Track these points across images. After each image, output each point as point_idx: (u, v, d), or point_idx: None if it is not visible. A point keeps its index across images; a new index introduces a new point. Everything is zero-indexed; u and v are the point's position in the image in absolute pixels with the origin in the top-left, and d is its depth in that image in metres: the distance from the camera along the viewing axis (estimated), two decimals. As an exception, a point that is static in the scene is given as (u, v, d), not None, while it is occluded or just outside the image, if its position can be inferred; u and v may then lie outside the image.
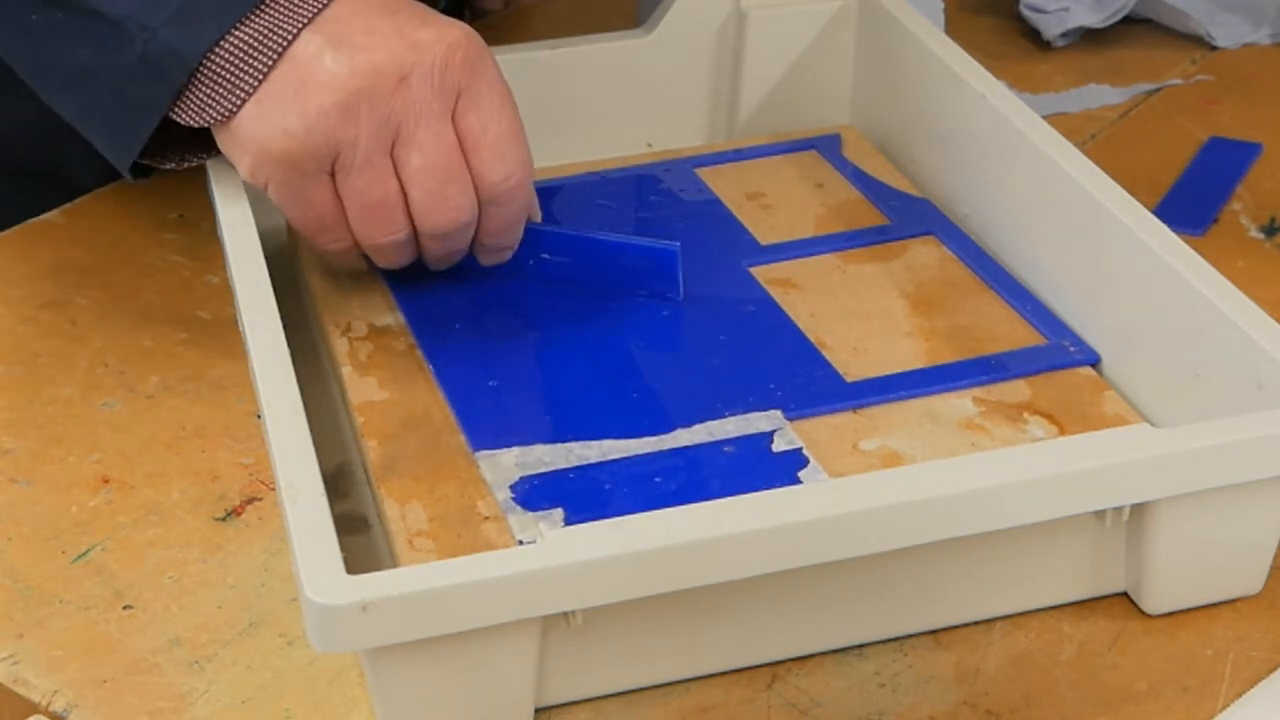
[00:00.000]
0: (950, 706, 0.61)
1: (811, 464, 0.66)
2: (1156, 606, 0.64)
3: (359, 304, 0.76)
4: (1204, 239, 0.87)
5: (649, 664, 0.61)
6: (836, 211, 0.83)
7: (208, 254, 0.85)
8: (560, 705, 0.61)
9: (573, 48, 0.88)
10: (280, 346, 0.64)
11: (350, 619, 0.54)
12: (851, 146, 0.87)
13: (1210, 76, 1.02)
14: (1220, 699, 0.61)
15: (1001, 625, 0.64)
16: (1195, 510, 0.62)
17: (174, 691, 0.62)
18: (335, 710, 0.62)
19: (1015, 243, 0.78)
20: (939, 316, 0.75)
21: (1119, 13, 1.05)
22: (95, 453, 0.74)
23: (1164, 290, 0.68)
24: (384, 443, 0.68)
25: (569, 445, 0.67)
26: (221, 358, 0.79)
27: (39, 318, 0.82)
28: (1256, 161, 0.93)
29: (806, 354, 0.72)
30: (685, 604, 0.60)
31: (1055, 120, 0.96)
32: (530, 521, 0.63)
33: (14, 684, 0.63)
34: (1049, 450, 0.60)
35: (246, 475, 0.72)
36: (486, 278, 0.77)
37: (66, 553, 0.69)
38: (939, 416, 0.69)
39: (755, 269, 0.78)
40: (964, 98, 0.80)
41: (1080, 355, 0.72)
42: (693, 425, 0.68)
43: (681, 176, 0.85)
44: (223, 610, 0.66)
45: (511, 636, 0.57)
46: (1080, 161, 0.74)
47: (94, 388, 0.77)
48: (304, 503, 0.57)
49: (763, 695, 0.62)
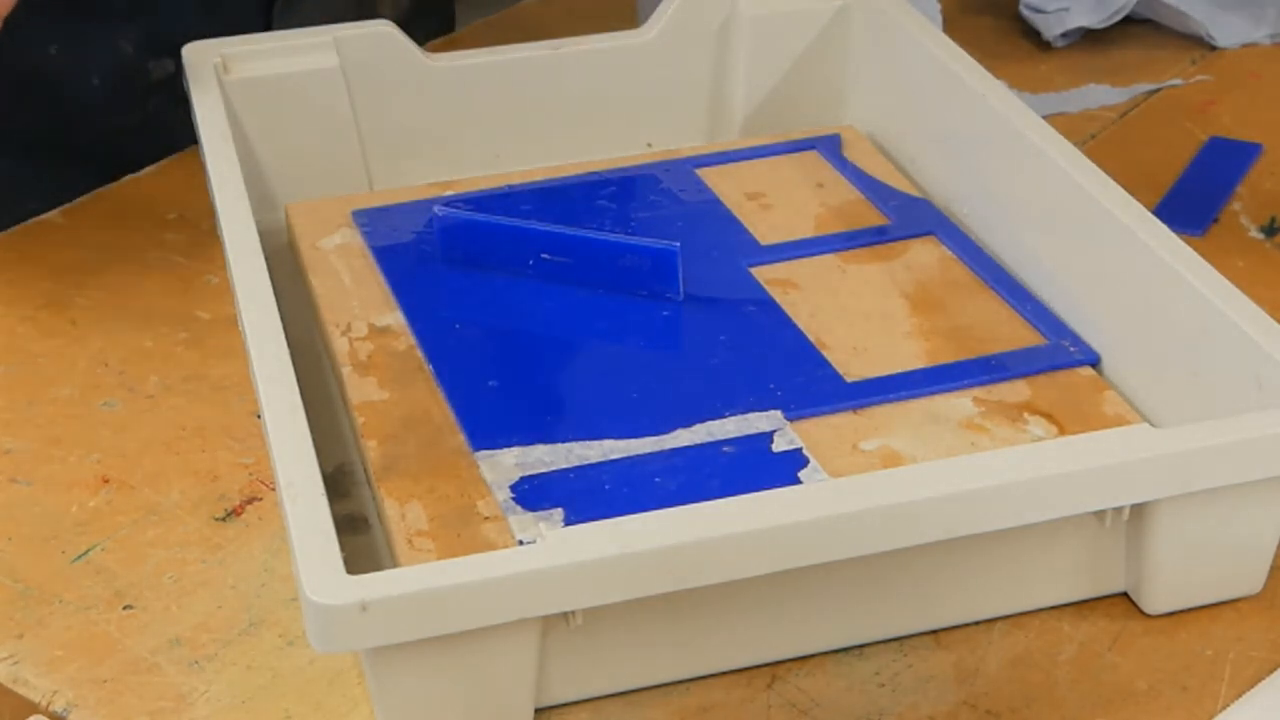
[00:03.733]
0: (950, 706, 0.61)
1: (811, 464, 0.66)
2: (1156, 606, 0.64)
3: (359, 304, 0.76)
4: (1204, 239, 0.87)
5: (649, 664, 0.61)
6: (836, 211, 0.83)
7: (208, 254, 0.85)
8: (560, 705, 0.61)
9: (573, 48, 0.88)
10: (280, 346, 0.64)
11: (350, 619, 0.54)
12: (851, 146, 0.87)
13: (1210, 76, 1.02)
14: (1220, 699, 0.61)
15: (1001, 625, 0.64)
16: (1195, 510, 0.62)
17: (174, 691, 0.62)
18: (335, 710, 0.62)
19: (1015, 243, 0.78)
20: (939, 316, 0.75)
21: (1119, 13, 1.05)
22: (95, 453, 0.74)
23: (1164, 290, 0.68)
24: (384, 443, 0.68)
25: (569, 445, 0.67)
26: (221, 358, 0.79)
27: (39, 318, 0.82)
28: (1256, 161, 0.93)
29: (806, 354, 0.72)
30: (685, 604, 0.60)
31: (1055, 120, 0.96)
32: (530, 521, 0.63)
33: (14, 684, 0.63)
34: (1049, 450, 0.60)
35: (246, 475, 0.72)
36: (486, 278, 0.77)
37: (66, 553, 0.69)
38: (939, 416, 0.69)
39: (755, 269, 0.78)
40: (964, 98, 0.80)
41: (1080, 355, 0.72)
42: (693, 425, 0.68)
43: (681, 176, 0.85)
44: (223, 610, 0.66)
45: (511, 636, 0.57)
46: (1080, 161, 0.74)
47: (94, 388, 0.77)
48: (304, 503, 0.57)
49: (763, 695, 0.62)
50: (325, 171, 0.86)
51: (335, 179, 0.86)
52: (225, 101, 0.82)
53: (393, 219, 0.82)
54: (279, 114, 0.85)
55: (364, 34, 0.86)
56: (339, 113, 0.86)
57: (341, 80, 0.85)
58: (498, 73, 0.88)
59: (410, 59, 0.86)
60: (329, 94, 0.85)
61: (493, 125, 0.88)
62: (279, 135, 0.85)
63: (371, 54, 0.86)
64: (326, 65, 0.85)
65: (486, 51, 0.88)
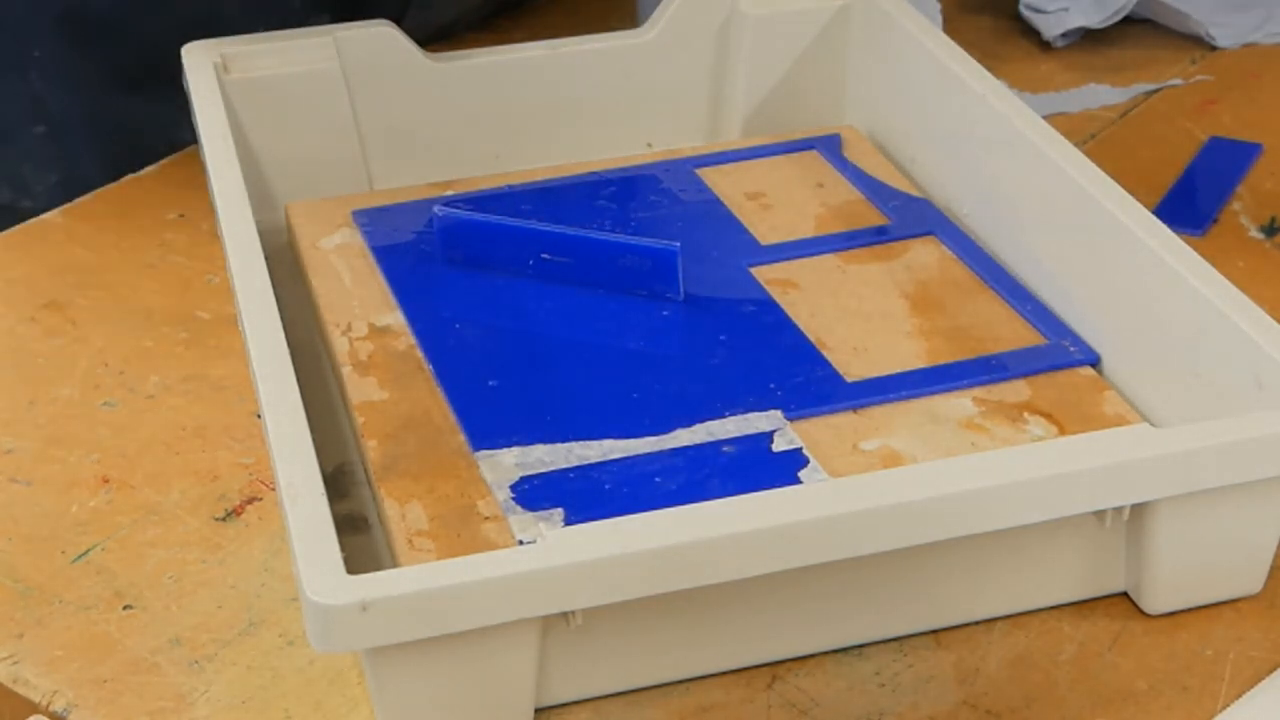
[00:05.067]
0: (950, 706, 0.61)
1: (811, 464, 0.66)
2: (1156, 606, 0.64)
3: (359, 304, 0.76)
4: (1204, 239, 0.87)
5: (649, 664, 0.61)
6: (836, 211, 0.83)
7: (208, 254, 0.85)
8: (560, 705, 0.61)
9: (573, 48, 0.88)
10: (280, 346, 0.64)
11: (350, 619, 0.54)
12: (851, 146, 0.87)
13: (1210, 76, 1.02)
14: (1220, 699, 0.61)
15: (1001, 625, 0.64)
16: (1195, 510, 0.62)
17: (174, 691, 0.62)
18: (335, 710, 0.62)
19: (1015, 243, 0.78)
20: (939, 316, 0.75)
21: (1119, 13, 1.05)
22: (95, 453, 0.74)
23: (1164, 290, 0.68)
24: (384, 443, 0.68)
25: (569, 445, 0.67)
26: (221, 358, 0.79)
27: (39, 318, 0.82)
28: (1256, 161, 0.93)
29: (806, 354, 0.72)
30: (685, 604, 0.60)
31: (1055, 120, 0.96)
32: (530, 521, 0.63)
33: (14, 684, 0.63)
34: (1049, 450, 0.60)
35: (246, 475, 0.72)
36: (486, 278, 0.77)
37: (66, 553, 0.69)
38: (939, 416, 0.69)
39: (755, 269, 0.78)
40: (964, 98, 0.80)
41: (1080, 355, 0.72)
42: (693, 425, 0.68)
43: (681, 176, 0.85)
44: (223, 610, 0.66)
45: (511, 636, 0.57)
46: (1080, 161, 0.74)
47: (94, 388, 0.77)
48: (304, 503, 0.58)
49: (763, 695, 0.62)
50: (325, 171, 0.86)
51: (335, 179, 0.86)
52: (225, 101, 0.82)
53: (393, 219, 0.82)
54: (279, 114, 0.85)
55: (364, 34, 0.86)
56: (339, 113, 0.86)
57: (341, 80, 0.85)
58: (497, 73, 0.88)
59: (410, 59, 0.86)
60: (329, 94, 0.85)
61: (493, 125, 0.88)
62: (279, 135, 0.85)
63: (371, 54, 0.86)
64: (326, 65, 0.85)
65: (486, 51, 0.88)
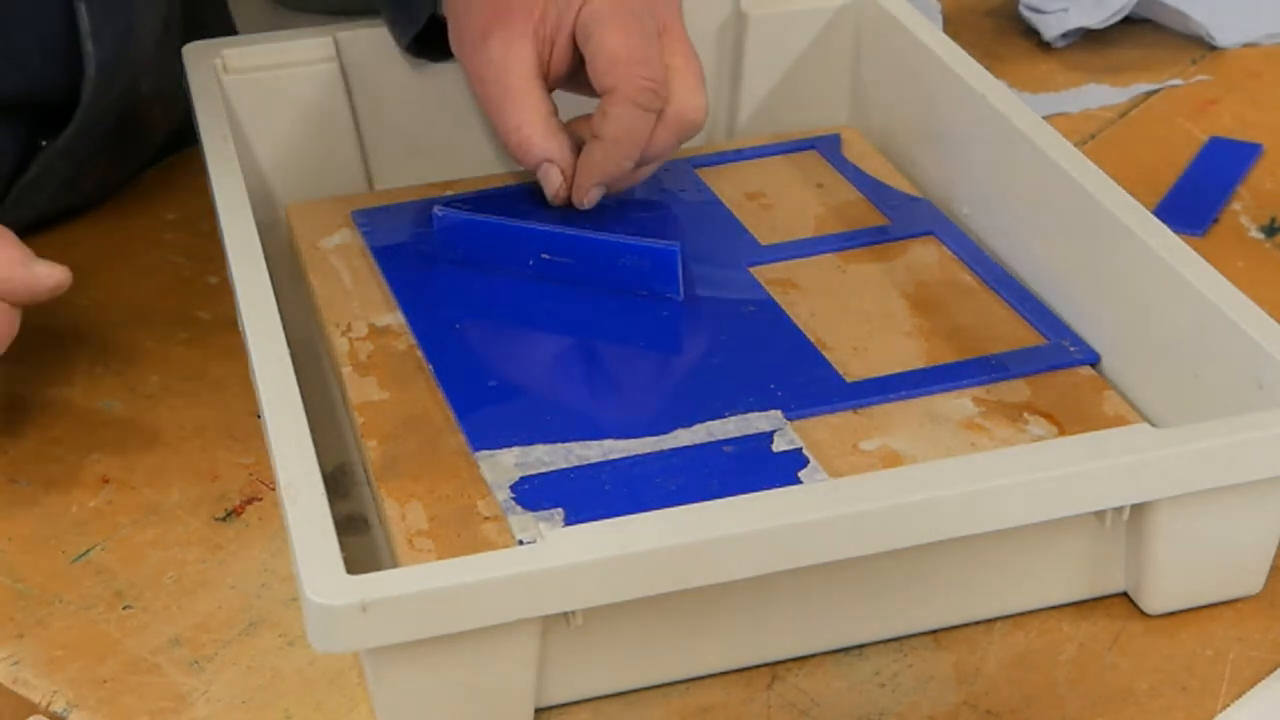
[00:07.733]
0: (950, 706, 0.61)
1: (811, 464, 0.66)
2: (1156, 606, 0.64)
3: (359, 304, 0.76)
4: (1204, 239, 0.87)
5: (649, 664, 0.61)
6: (836, 211, 0.83)
7: (208, 254, 0.85)
8: (560, 705, 0.61)
9: (573, 48, 0.88)
10: (280, 346, 0.64)
11: (350, 619, 0.54)
12: (851, 146, 0.87)
13: (1210, 76, 1.02)
14: (1220, 699, 0.61)
15: (1001, 625, 0.64)
16: (1195, 510, 0.62)
17: (174, 691, 0.62)
18: (335, 710, 0.62)
19: (1015, 243, 0.78)
20: (939, 316, 0.75)
21: (1119, 13, 1.05)
22: (95, 453, 0.74)
23: (1164, 290, 0.68)
24: (384, 443, 0.68)
25: (569, 445, 0.67)
26: (221, 358, 0.79)
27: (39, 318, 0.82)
28: (1256, 161, 0.93)
29: (806, 354, 0.72)
30: (685, 604, 0.60)
31: (1055, 120, 0.96)
32: (530, 521, 0.63)
33: (14, 684, 0.63)
34: (1049, 450, 0.60)
35: (246, 475, 0.72)
36: (486, 278, 0.77)
37: (66, 553, 0.69)
38: (939, 416, 0.69)
39: (755, 269, 0.78)
40: (964, 98, 0.80)
41: (1080, 355, 0.72)
42: (693, 425, 0.68)
43: (681, 176, 0.85)
44: (223, 610, 0.66)
45: (511, 636, 0.57)
46: (1080, 161, 0.74)
47: (94, 388, 0.77)
48: (304, 503, 0.58)
49: (763, 695, 0.62)
50: (325, 171, 0.86)
51: (335, 179, 0.86)
52: (225, 101, 0.82)
53: (393, 219, 0.82)
54: (279, 114, 0.85)
55: (364, 34, 0.86)
56: (339, 113, 0.86)
57: (341, 80, 0.85)
58: (498, 73, 0.88)
59: (410, 59, 0.86)
60: (329, 94, 0.85)
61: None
62: (279, 135, 0.85)
63: (371, 54, 0.86)
64: (326, 65, 0.85)
65: (486, 51, 0.88)
